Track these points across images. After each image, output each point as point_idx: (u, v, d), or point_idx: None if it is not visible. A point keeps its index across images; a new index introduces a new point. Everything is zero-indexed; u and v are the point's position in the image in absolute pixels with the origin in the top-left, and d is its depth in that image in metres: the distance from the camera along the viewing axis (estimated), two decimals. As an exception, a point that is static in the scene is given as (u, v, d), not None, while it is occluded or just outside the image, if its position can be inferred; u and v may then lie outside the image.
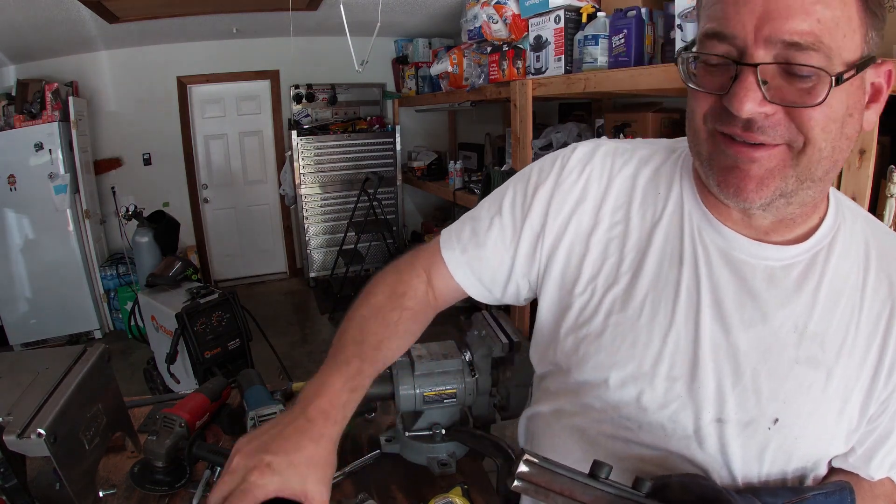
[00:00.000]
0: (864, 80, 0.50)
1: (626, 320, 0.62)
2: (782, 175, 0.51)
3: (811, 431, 0.58)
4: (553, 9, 2.59)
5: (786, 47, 0.46)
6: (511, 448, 0.90)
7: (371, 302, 0.73)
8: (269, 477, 0.55)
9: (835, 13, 0.46)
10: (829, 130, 0.49)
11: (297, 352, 3.78)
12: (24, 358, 0.93)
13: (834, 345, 0.57)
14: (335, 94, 4.91)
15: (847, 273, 0.57)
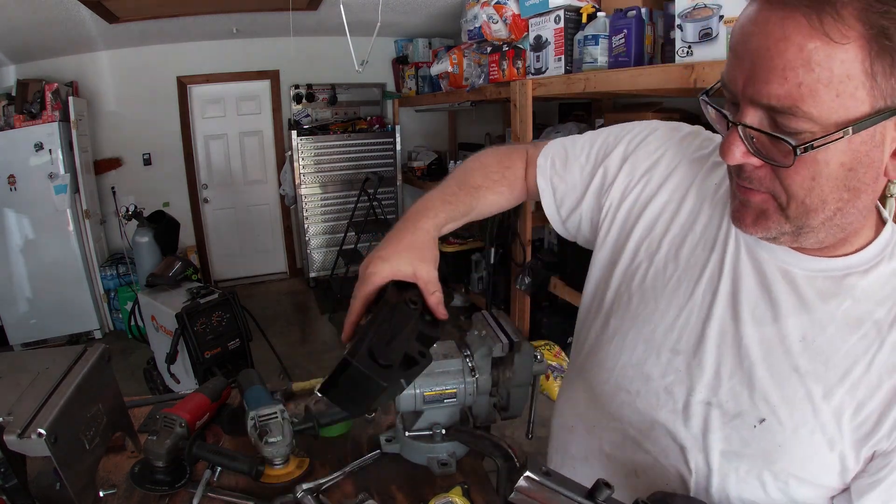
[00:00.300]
0: (880, 133, 0.47)
1: (655, 287, 0.67)
2: (776, 220, 0.54)
3: (796, 445, 0.57)
4: (553, 9, 2.59)
5: (768, 108, 0.48)
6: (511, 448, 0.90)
7: (480, 160, 0.85)
8: (381, 265, 0.65)
9: (821, 73, 0.44)
10: (815, 187, 0.50)
11: (297, 352, 3.78)
12: (24, 358, 0.93)
13: (839, 369, 0.56)
14: (335, 94, 4.91)
15: (874, 306, 0.56)
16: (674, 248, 0.67)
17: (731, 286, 0.62)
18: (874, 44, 0.43)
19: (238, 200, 5.06)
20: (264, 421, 0.98)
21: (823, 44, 0.44)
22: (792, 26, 0.44)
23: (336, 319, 4.27)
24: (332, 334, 4.08)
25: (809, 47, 0.44)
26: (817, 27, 0.43)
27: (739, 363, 0.60)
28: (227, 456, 0.96)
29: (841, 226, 0.54)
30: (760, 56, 0.47)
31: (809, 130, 0.46)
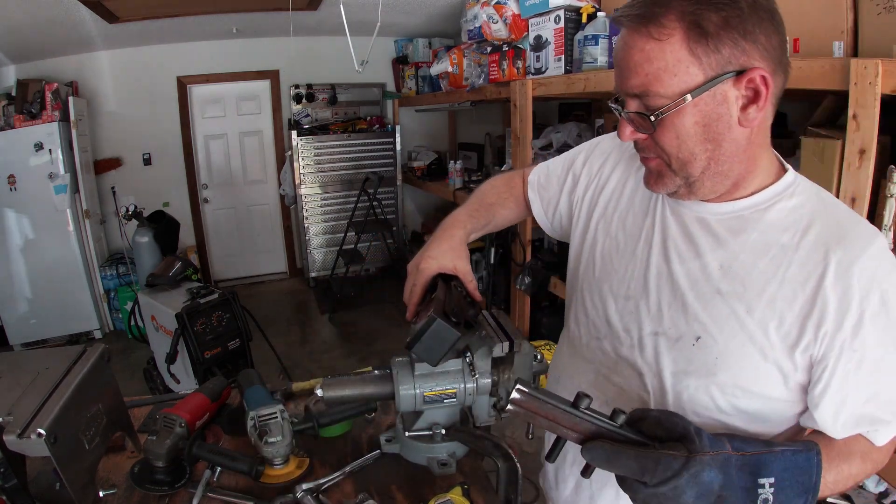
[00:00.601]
0: (722, 93, 0.63)
1: (611, 252, 0.86)
2: (670, 178, 0.71)
3: (730, 355, 0.70)
4: (553, 9, 2.59)
5: (635, 96, 0.66)
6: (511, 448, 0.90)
7: (492, 183, 1.09)
8: (431, 261, 0.87)
9: (658, 64, 0.63)
10: (681, 144, 0.66)
11: (297, 352, 3.78)
12: (24, 358, 0.93)
13: (755, 286, 0.69)
14: (335, 94, 4.91)
15: (779, 234, 0.69)
16: (621, 220, 0.85)
17: (661, 238, 0.78)
18: (691, 34, 0.61)
19: (238, 200, 5.06)
20: (264, 421, 0.98)
21: (653, 44, 0.63)
22: (634, 39, 0.64)
23: (336, 319, 4.28)
24: (332, 334, 4.08)
25: (646, 48, 0.63)
26: (647, 35, 0.63)
27: (674, 295, 0.75)
28: (227, 456, 0.96)
29: (722, 172, 0.69)
30: (622, 63, 0.66)
31: (664, 104, 0.64)
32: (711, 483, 0.57)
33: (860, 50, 1.50)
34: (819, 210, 0.69)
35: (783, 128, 2.15)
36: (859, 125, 1.35)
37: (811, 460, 0.60)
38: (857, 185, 1.38)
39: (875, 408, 0.66)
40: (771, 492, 0.58)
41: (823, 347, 0.65)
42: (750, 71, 0.62)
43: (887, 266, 0.65)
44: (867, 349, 0.64)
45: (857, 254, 0.64)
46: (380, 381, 0.93)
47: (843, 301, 0.64)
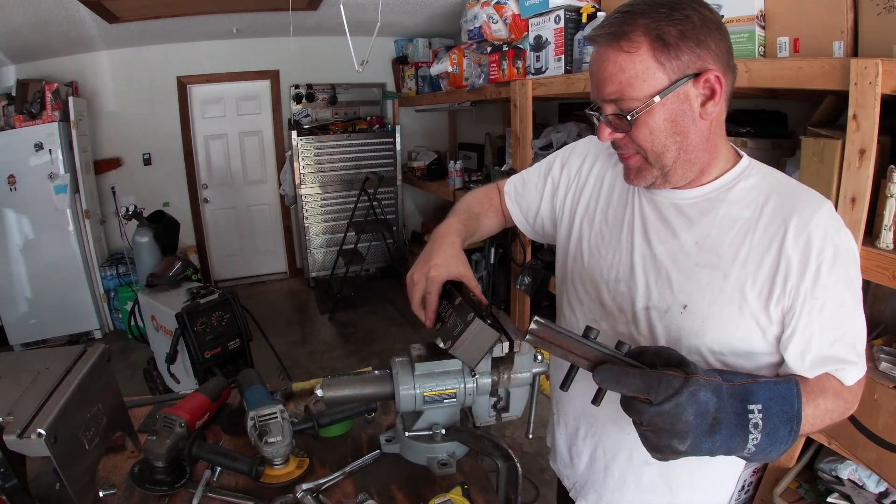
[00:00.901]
0: (684, 93, 0.74)
1: (598, 243, 0.95)
2: (648, 171, 0.81)
3: (714, 317, 0.80)
4: (553, 9, 2.59)
5: (611, 101, 0.76)
6: (511, 448, 0.90)
7: (474, 195, 1.16)
8: (440, 269, 0.89)
9: (630, 73, 0.73)
10: (654, 139, 0.77)
11: (297, 352, 3.78)
12: (24, 358, 0.93)
13: (728, 255, 0.79)
14: (335, 94, 4.91)
15: (742, 209, 0.80)
16: (603, 214, 0.95)
17: (641, 225, 0.88)
18: (656, 45, 0.72)
19: (238, 200, 5.06)
20: (264, 421, 0.98)
21: (624, 56, 0.73)
22: (607, 53, 0.75)
23: (336, 319, 4.28)
24: (332, 334, 4.08)
25: (619, 60, 0.74)
26: (619, 49, 0.74)
27: (658, 272, 0.85)
28: (227, 456, 0.96)
29: (691, 161, 0.79)
30: (599, 75, 0.77)
31: (637, 106, 0.75)
32: (708, 403, 0.63)
33: (860, 50, 1.50)
34: (773, 186, 0.81)
35: (783, 128, 2.15)
36: (859, 125, 1.35)
37: (791, 389, 0.67)
38: (857, 185, 1.38)
39: (840, 349, 0.75)
40: (760, 417, 0.64)
41: (790, 298, 0.75)
42: (706, 72, 0.74)
43: (835, 224, 0.76)
44: (827, 296, 0.74)
45: (809, 216, 0.75)
46: (380, 381, 0.93)
47: (803, 256, 0.74)
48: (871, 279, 1.44)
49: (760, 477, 1.89)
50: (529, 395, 0.96)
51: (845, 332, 0.76)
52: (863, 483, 1.70)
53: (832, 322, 0.75)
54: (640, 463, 0.93)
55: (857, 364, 0.76)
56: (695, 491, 0.94)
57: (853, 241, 0.78)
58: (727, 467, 0.97)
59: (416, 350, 0.95)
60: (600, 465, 0.98)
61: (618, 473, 0.96)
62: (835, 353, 0.76)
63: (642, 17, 0.73)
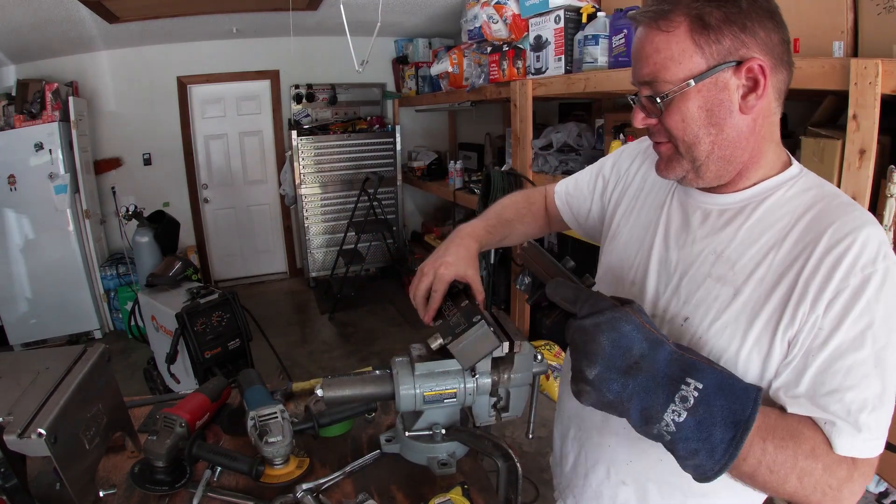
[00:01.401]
0: (723, 80, 0.68)
1: (629, 241, 0.91)
2: (678, 162, 0.75)
3: (714, 336, 0.73)
4: (553, 9, 2.59)
5: (645, 84, 0.72)
6: (511, 448, 0.90)
7: (511, 198, 1.16)
8: (448, 268, 0.91)
9: (665, 54, 0.69)
10: (687, 127, 0.71)
11: (297, 352, 3.78)
12: (24, 358, 0.93)
13: (744, 271, 0.72)
14: (335, 94, 4.91)
15: (773, 222, 0.72)
16: (639, 213, 0.92)
17: (664, 227, 0.84)
18: (695, 26, 0.67)
19: (238, 200, 5.06)
20: (264, 421, 0.98)
21: (662, 36, 0.69)
22: (646, 34, 0.71)
23: (336, 319, 4.28)
24: (332, 334, 4.08)
25: (656, 40, 0.70)
26: (657, 28, 0.69)
27: (669, 279, 0.81)
28: (227, 456, 0.96)
29: (726, 157, 0.72)
30: (636, 55, 0.73)
31: (669, 89, 0.70)
32: (630, 340, 0.61)
33: (860, 50, 1.50)
34: (818, 199, 0.71)
35: (783, 128, 2.15)
36: (859, 125, 1.35)
37: (749, 393, 0.60)
38: (857, 185, 1.38)
39: (834, 403, 0.63)
40: (694, 394, 0.59)
41: (798, 326, 0.66)
42: (749, 61, 0.67)
43: (875, 254, 0.64)
44: (835, 331, 0.63)
45: (844, 236, 0.65)
46: (380, 381, 0.93)
47: (823, 280, 0.65)
48: (871, 279, 1.44)
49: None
50: (529, 395, 0.96)
51: (850, 387, 0.62)
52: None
53: (834, 367, 0.63)
54: (616, 481, 0.87)
55: (853, 432, 0.62)
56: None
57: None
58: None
59: (416, 350, 0.95)
60: (581, 471, 0.94)
61: (595, 484, 0.91)
62: (824, 403, 0.63)
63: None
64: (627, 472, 0.85)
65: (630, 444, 0.84)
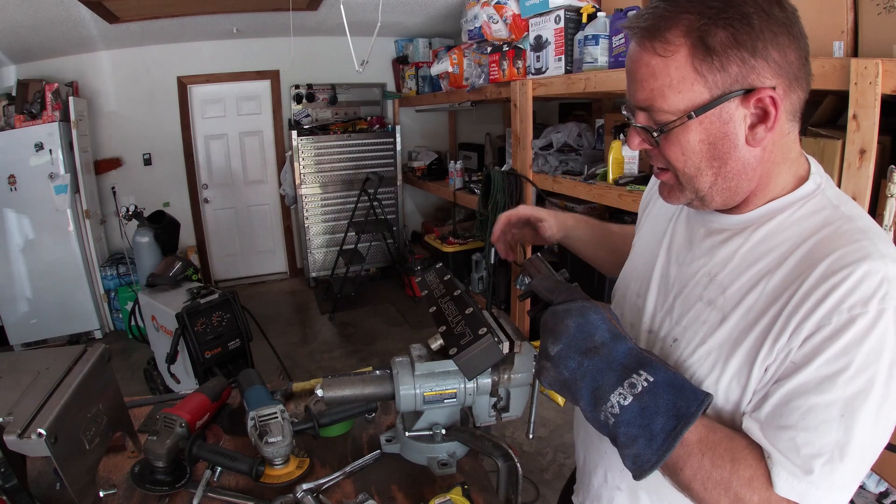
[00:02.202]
0: (728, 112, 0.62)
1: (640, 248, 0.91)
2: (681, 191, 0.71)
3: (696, 360, 0.70)
4: (553, 9, 2.59)
5: (643, 109, 0.66)
6: (511, 448, 0.90)
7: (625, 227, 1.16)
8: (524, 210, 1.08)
9: (663, 80, 0.62)
10: (687, 160, 0.66)
11: (298, 352, 3.78)
12: (24, 358, 0.93)
13: (735, 296, 0.68)
14: (335, 94, 4.91)
15: (772, 247, 0.67)
16: (653, 223, 0.90)
17: (668, 243, 0.82)
18: (696, 51, 0.60)
19: (238, 200, 5.06)
20: (264, 421, 0.98)
21: (659, 60, 0.62)
22: (639, 53, 0.64)
23: (336, 319, 4.28)
24: (332, 334, 4.08)
25: (651, 63, 0.62)
26: (652, 50, 0.62)
27: (666, 297, 0.78)
28: (227, 456, 0.96)
29: (731, 189, 0.67)
30: (631, 77, 0.66)
31: (668, 119, 0.64)
32: (594, 326, 0.65)
33: (860, 50, 1.50)
34: (827, 223, 0.64)
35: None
36: (859, 125, 1.35)
37: (697, 395, 0.61)
38: (857, 185, 1.38)
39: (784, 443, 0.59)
40: (644, 384, 0.61)
41: (774, 356, 0.62)
42: (759, 91, 0.60)
43: (866, 294, 0.57)
44: (805, 367, 0.59)
45: (842, 266, 0.59)
46: (380, 381, 0.93)
47: (804, 317, 0.59)
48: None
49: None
50: (529, 395, 0.96)
51: (804, 428, 0.58)
52: (863, 483, 1.70)
53: (793, 403, 0.59)
54: (612, 486, 0.88)
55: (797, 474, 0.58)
56: None
57: (892, 336, 0.56)
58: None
59: (416, 350, 0.95)
60: (587, 472, 0.97)
61: (596, 486, 0.93)
62: (773, 436, 0.60)
63: (687, 10, 0.60)
64: (622, 479, 0.86)
65: None
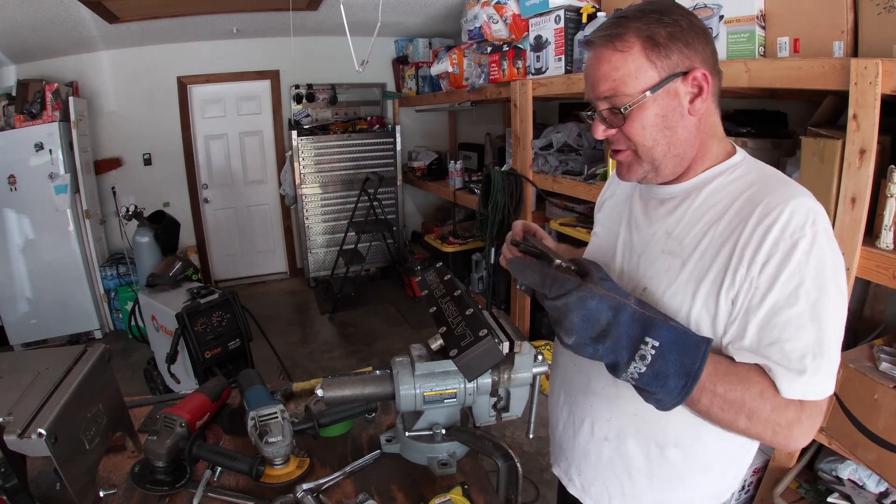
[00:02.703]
0: (674, 89, 0.79)
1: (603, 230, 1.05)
2: (638, 165, 0.86)
3: (668, 301, 0.83)
4: (553, 9, 2.59)
5: (604, 99, 0.82)
6: (511, 448, 0.90)
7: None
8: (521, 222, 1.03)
9: (623, 71, 0.79)
10: (646, 132, 0.81)
11: (298, 352, 3.78)
12: (24, 358, 0.93)
13: (690, 244, 0.83)
14: (335, 94, 4.91)
15: (715, 202, 0.83)
16: (611, 210, 1.05)
17: (628, 216, 0.97)
18: (647, 45, 0.78)
19: (238, 200, 5.06)
20: (264, 421, 0.98)
21: (618, 55, 0.79)
22: (603, 53, 0.81)
23: (336, 319, 4.28)
24: (332, 334, 4.08)
25: (613, 59, 0.80)
26: (613, 48, 0.79)
27: (631, 257, 0.93)
28: (227, 456, 0.96)
29: (679, 155, 0.84)
30: (594, 75, 0.82)
31: (629, 101, 0.80)
32: (598, 313, 0.70)
33: (860, 50, 1.50)
34: (755, 181, 0.82)
35: (783, 128, 2.15)
36: (859, 125, 1.35)
37: (699, 346, 0.71)
38: (857, 185, 1.38)
39: (775, 353, 0.73)
40: (652, 353, 0.70)
41: (737, 288, 0.76)
42: (693, 70, 0.79)
43: (804, 221, 0.73)
44: (770, 290, 0.73)
45: (774, 206, 0.75)
46: (380, 381, 0.93)
47: (756, 246, 0.75)
48: (871, 279, 1.44)
49: (760, 477, 1.89)
50: (529, 395, 0.96)
51: (787, 339, 0.73)
52: (863, 483, 1.70)
53: (772, 322, 0.74)
54: (600, 437, 0.96)
55: (795, 376, 0.72)
56: (653, 479, 0.93)
57: (830, 250, 0.74)
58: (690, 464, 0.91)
59: (416, 350, 0.95)
60: (570, 432, 1.02)
61: (582, 443, 0.99)
62: (767, 353, 0.74)
63: (635, 21, 0.79)
64: (609, 429, 0.94)
65: (609, 403, 0.94)
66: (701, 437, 0.87)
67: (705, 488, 0.93)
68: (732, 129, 1.98)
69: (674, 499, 0.94)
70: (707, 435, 0.87)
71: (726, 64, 1.71)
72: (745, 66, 1.63)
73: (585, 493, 1.02)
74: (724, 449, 0.90)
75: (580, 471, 1.02)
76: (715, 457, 0.90)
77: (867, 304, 1.96)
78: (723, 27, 1.76)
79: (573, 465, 1.03)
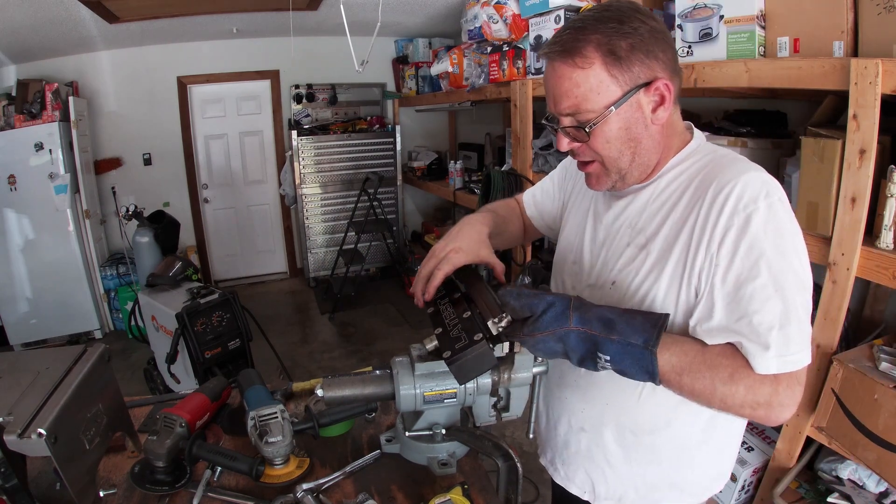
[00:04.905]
0: (636, 101, 0.79)
1: (571, 226, 1.06)
2: (606, 175, 0.87)
3: (635, 290, 0.85)
4: (553, 9, 2.59)
5: (568, 114, 0.82)
6: (511, 448, 0.90)
7: (496, 203, 1.23)
8: (458, 254, 0.93)
9: (585, 87, 0.78)
10: (611, 146, 0.82)
11: (298, 352, 3.78)
12: (24, 358, 0.93)
13: (652, 233, 0.85)
14: (335, 94, 4.91)
15: (671, 193, 0.85)
16: (578, 205, 1.05)
17: (593, 211, 0.98)
18: (608, 59, 0.77)
19: (238, 200, 5.06)
20: (264, 421, 0.98)
21: (579, 72, 0.78)
22: (562, 69, 0.79)
23: (336, 319, 4.28)
24: (332, 334, 4.08)
25: (574, 76, 0.78)
26: (573, 65, 0.78)
27: (598, 252, 0.94)
28: (227, 456, 0.96)
29: (644, 163, 0.86)
30: (555, 90, 0.81)
31: (594, 118, 0.80)
32: (553, 349, 0.75)
33: (860, 50, 1.50)
34: (708, 163, 0.84)
35: (783, 128, 2.15)
36: (859, 125, 1.35)
37: (645, 357, 0.71)
38: (857, 185, 1.38)
39: (743, 326, 0.73)
40: (605, 364, 0.73)
41: (699, 267, 0.78)
42: (655, 81, 0.79)
43: (757, 195, 0.74)
44: (730, 265, 0.74)
45: (726, 184, 0.76)
46: (380, 381, 0.93)
47: (712, 223, 0.76)
48: (871, 279, 1.44)
49: (760, 477, 1.89)
50: (529, 395, 0.96)
51: (755, 311, 0.72)
52: (863, 483, 1.70)
53: (737, 296, 0.74)
54: (576, 428, 1.00)
55: (764, 351, 0.72)
56: (632, 464, 0.95)
57: (787, 220, 0.74)
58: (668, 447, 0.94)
59: (416, 350, 0.95)
60: (552, 424, 1.06)
61: (562, 434, 1.03)
62: (737, 328, 0.74)
63: (594, 32, 0.77)
64: (584, 419, 0.98)
65: (581, 394, 0.98)
66: (672, 424, 0.90)
67: (688, 468, 0.96)
68: (732, 129, 1.98)
69: (658, 481, 0.96)
70: (678, 421, 0.90)
71: (726, 64, 1.71)
72: (745, 66, 1.63)
73: (570, 482, 1.05)
74: (699, 432, 0.92)
75: (563, 460, 1.06)
76: (690, 439, 0.93)
77: (867, 304, 1.96)
78: (723, 27, 1.76)
79: (557, 456, 1.07)
